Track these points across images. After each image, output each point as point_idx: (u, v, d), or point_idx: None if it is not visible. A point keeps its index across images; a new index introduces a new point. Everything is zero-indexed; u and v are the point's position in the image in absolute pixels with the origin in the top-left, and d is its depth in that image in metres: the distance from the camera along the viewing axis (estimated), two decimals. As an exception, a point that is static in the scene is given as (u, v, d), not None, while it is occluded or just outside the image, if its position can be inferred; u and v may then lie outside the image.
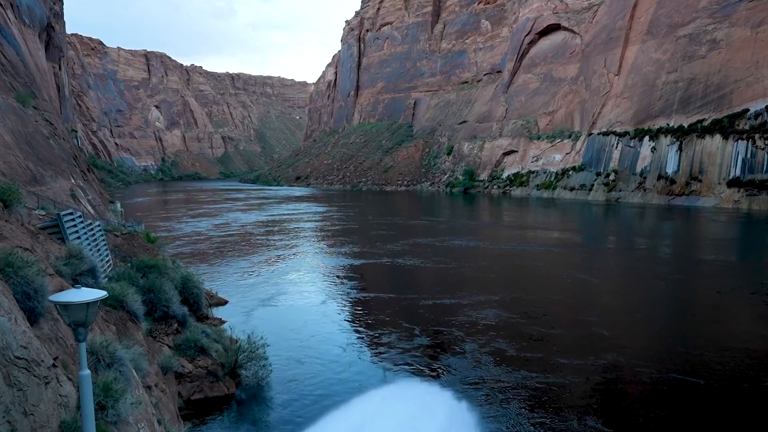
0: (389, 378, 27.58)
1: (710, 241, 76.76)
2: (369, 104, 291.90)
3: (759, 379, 26.72)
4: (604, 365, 28.66)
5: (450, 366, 28.97)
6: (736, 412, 23.43)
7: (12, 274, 11.28)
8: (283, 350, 30.94)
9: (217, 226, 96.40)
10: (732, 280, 49.76)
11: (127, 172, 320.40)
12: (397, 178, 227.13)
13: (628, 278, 53.14)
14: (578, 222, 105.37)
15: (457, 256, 63.18)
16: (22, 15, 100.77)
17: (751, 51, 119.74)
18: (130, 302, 19.65)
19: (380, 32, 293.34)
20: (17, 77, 50.48)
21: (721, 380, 26.64)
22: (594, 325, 35.60)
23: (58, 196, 36.00)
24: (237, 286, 48.21)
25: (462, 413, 23.02)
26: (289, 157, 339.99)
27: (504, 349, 31.22)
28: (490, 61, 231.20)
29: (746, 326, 36.31)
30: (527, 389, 25.83)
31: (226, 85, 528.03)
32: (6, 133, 34.58)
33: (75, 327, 8.76)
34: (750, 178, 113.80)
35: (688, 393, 25.31)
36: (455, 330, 34.92)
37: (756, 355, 30.07)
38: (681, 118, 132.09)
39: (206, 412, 23.13)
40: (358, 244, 73.98)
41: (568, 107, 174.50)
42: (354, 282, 51.42)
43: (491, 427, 22.26)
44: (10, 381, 8.30)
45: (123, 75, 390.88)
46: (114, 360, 12.52)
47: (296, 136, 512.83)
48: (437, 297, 43.85)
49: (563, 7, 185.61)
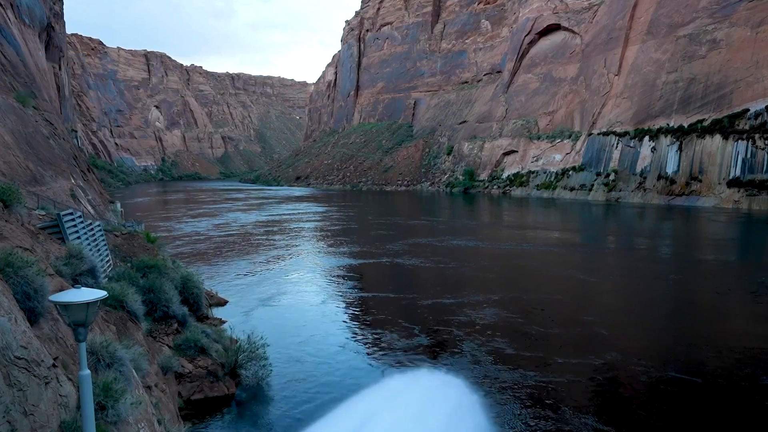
0: (389, 377, 27.59)
1: (710, 241, 76.78)
2: (369, 104, 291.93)
3: (757, 378, 26.75)
4: (603, 364, 28.69)
5: (450, 365, 28.98)
6: (733, 411, 23.45)
7: (12, 274, 11.30)
8: (283, 350, 30.96)
9: (217, 226, 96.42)
10: (731, 281, 49.78)
11: (127, 172, 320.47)
12: (397, 178, 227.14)
13: (628, 278, 53.15)
14: (578, 222, 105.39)
15: (456, 256, 63.20)
16: (22, 15, 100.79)
17: (751, 51, 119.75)
18: (130, 302, 19.67)
19: (380, 32, 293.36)
20: (17, 77, 50.50)
21: (719, 379, 26.67)
22: (593, 325, 35.62)
23: (58, 196, 36.02)
24: (237, 286, 48.23)
25: (461, 413, 23.03)
26: (289, 157, 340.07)
27: (503, 348, 31.24)
28: (490, 61, 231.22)
29: (745, 326, 36.33)
30: (526, 388, 25.86)
31: (226, 85, 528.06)
32: (6, 133, 34.60)
33: (75, 327, 8.78)
34: (750, 178, 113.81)
35: (687, 392, 25.34)
36: (455, 329, 34.94)
37: (754, 355, 30.08)
38: (681, 118, 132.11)
39: (206, 412, 23.14)
40: (357, 244, 74.01)
41: (568, 107, 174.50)
42: (354, 282, 51.44)
43: (491, 426, 22.28)
44: (10, 381, 8.32)
45: (123, 75, 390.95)
46: (114, 360, 12.54)
47: (296, 136, 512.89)
48: (437, 297, 43.87)
49: (563, 7, 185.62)
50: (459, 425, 22.17)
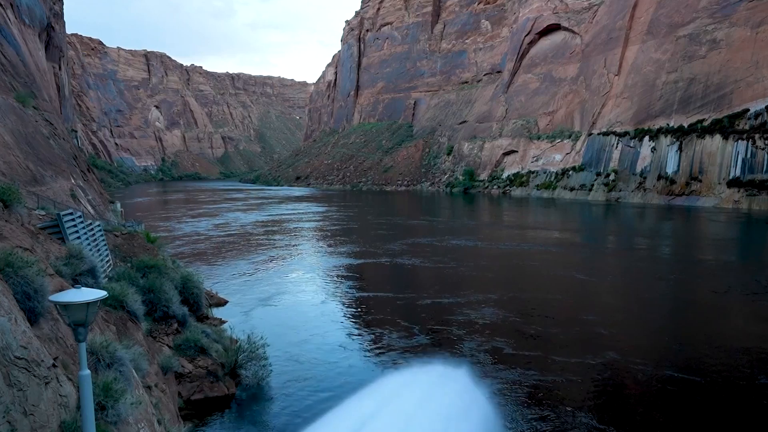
0: (389, 376, 27.60)
1: (710, 241, 76.80)
2: (369, 104, 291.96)
3: (754, 376, 26.78)
4: (602, 363, 28.71)
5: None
6: (731, 410, 23.46)
7: (12, 274, 11.31)
8: (283, 350, 30.99)
9: (216, 226, 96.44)
10: (731, 281, 49.76)
11: (127, 172, 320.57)
12: (397, 178, 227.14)
13: (627, 278, 53.16)
14: (578, 222, 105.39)
15: (456, 255, 63.21)
16: (22, 15, 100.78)
17: (751, 51, 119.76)
18: (130, 302, 19.67)
19: (380, 32, 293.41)
20: (17, 77, 50.52)
21: (717, 378, 26.68)
22: (592, 324, 35.65)
23: (58, 196, 36.02)
24: (237, 285, 48.25)
25: (462, 413, 23.03)
26: (289, 157, 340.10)
27: (501, 348, 31.27)
28: (490, 61, 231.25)
29: (744, 326, 36.37)
30: (525, 386, 25.90)
31: (226, 85, 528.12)
32: (6, 133, 34.62)
33: (75, 327, 8.79)
34: (750, 178, 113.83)
35: (685, 390, 25.35)
36: (454, 329, 34.97)
37: (752, 354, 30.11)
38: (681, 118, 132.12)
39: (206, 412, 23.16)
40: (357, 243, 74.03)
41: (568, 107, 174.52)
42: (353, 281, 51.47)
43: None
44: (10, 381, 8.33)
45: (123, 75, 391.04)
46: (114, 360, 12.55)
47: (296, 136, 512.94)
48: (436, 296, 43.88)
49: (563, 7, 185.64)
50: (462, 421, 22.15)
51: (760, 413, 23.20)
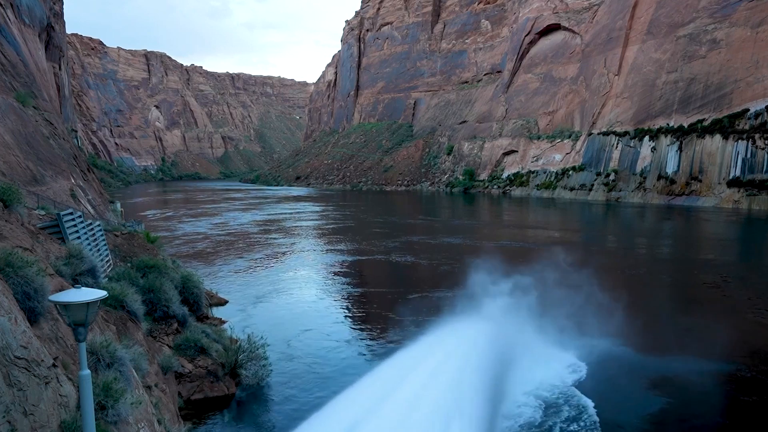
0: (388, 374, 27.58)
1: (710, 242, 76.77)
2: (369, 104, 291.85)
3: (752, 374, 26.81)
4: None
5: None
6: (729, 408, 23.51)
7: (12, 274, 11.30)
8: (283, 348, 31.00)
9: (216, 225, 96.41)
10: (731, 280, 49.77)
11: (127, 172, 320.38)
12: (397, 178, 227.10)
13: (627, 278, 53.15)
14: (578, 222, 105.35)
15: (455, 255, 63.18)
16: (22, 15, 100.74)
17: (751, 51, 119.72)
18: (130, 302, 19.68)
19: (380, 32, 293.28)
20: (17, 77, 50.49)
21: (715, 377, 26.73)
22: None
23: (58, 196, 36.01)
24: (237, 285, 48.25)
25: (460, 411, 23.00)
26: (289, 157, 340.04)
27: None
28: (490, 61, 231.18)
29: (742, 325, 36.37)
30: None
31: (226, 85, 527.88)
32: (6, 133, 34.61)
33: (75, 327, 8.78)
34: (750, 178, 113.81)
35: (682, 389, 25.39)
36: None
37: (750, 354, 30.14)
38: (681, 118, 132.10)
39: (206, 412, 23.15)
40: (357, 243, 73.99)
41: (568, 107, 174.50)
42: (353, 280, 51.48)
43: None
44: (10, 381, 8.33)
45: (123, 75, 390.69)
46: (114, 360, 12.55)
47: (296, 136, 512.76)
48: (436, 295, 43.86)
49: (563, 7, 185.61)
50: (457, 423, 22.13)
51: (756, 411, 23.20)
